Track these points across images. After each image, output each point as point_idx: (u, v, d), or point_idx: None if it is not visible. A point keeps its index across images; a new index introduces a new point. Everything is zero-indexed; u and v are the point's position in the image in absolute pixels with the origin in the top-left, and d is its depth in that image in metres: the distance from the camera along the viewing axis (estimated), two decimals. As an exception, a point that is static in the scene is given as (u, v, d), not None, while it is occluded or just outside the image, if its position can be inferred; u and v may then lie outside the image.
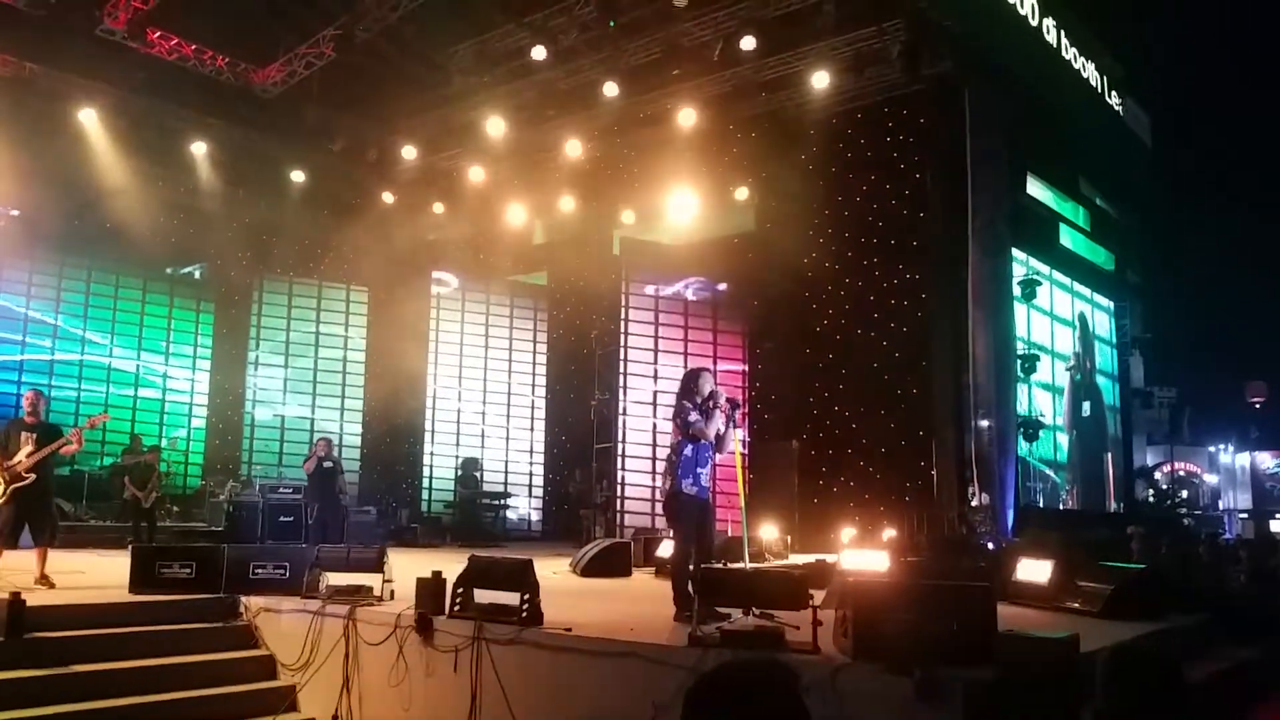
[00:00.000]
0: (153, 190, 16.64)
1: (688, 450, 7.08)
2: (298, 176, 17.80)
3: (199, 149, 16.71)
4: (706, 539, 7.24)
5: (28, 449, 8.26)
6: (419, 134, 17.32)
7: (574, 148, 16.49)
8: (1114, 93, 19.56)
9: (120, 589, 7.98)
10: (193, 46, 15.63)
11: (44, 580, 8.12)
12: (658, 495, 13.79)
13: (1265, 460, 30.59)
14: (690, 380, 7.37)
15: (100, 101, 15.28)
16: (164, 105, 15.97)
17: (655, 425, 16.68)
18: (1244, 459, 30.69)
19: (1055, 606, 7.64)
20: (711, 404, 7.16)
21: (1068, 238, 18.40)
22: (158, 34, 15.10)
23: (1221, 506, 29.16)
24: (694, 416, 7.10)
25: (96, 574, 9.52)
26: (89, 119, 15.28)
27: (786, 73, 15.08)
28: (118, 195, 16.08)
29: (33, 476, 8.25)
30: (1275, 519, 28.53)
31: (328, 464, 13.18)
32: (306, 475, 13.47)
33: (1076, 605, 7.48)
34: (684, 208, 16.88)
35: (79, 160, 15.52)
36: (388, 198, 18.38)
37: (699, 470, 7.05)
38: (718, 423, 7.14)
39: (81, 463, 16.22)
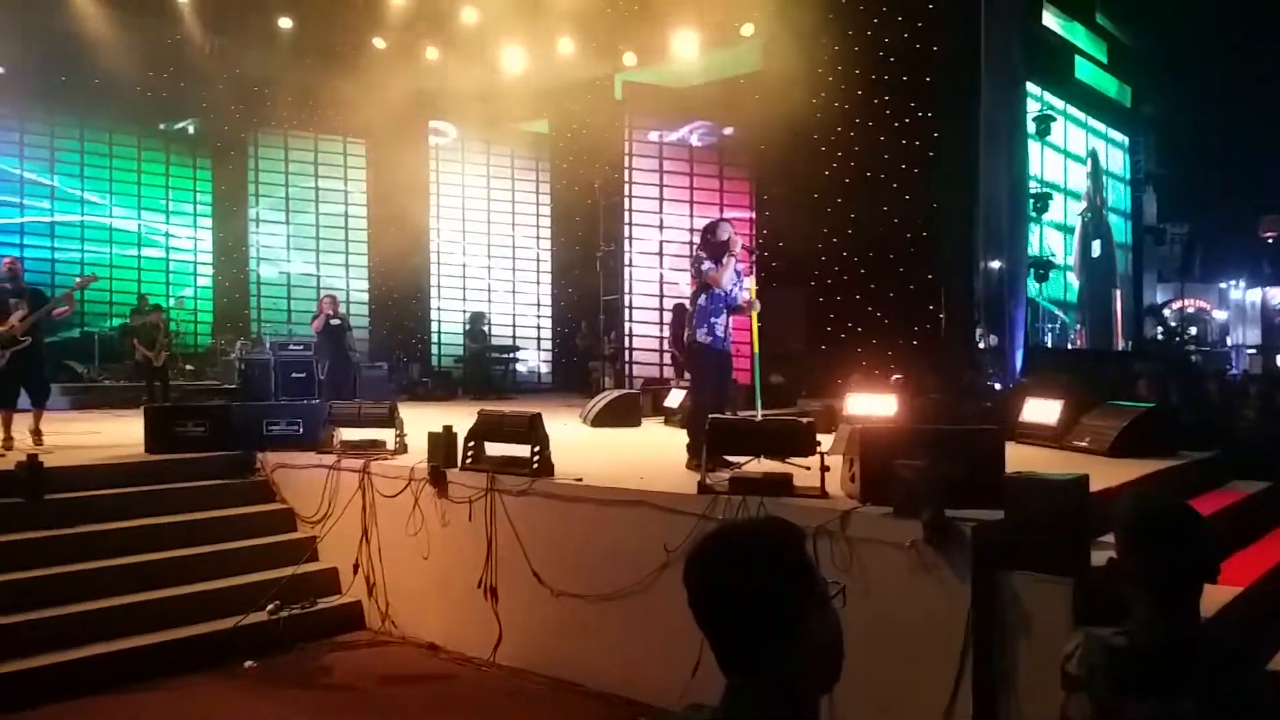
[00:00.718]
0: (139, 41, 16.00)
1: (702, 299, 7.01)
2: (285, 23, 17.08)
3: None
4: (723, 388, 7.25)
5: (19, 313, 8.33)
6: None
7: (571, -15, 15.72)
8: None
9: (136, 448, 8.09)
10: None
11: (37, 434, 8.46)
12: (665, 345, 13.85)
13: (1276, 296, 30.46)
14: (707, 232, 7.25)
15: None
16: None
17: (662, 276, 16.55)
18: (1255, 295, 30.57)
19: (1063, 445, 7.70)
20: (728, 252, 7.04)
21: (1083, 70, 17.76)
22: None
23: (1230, 343, 29.24)
24: (707, 264, 6.99)
25: (112, 434, 9.66)
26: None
27: (793, -104, 14.19)
28: (104, 48, 15.50)
29: (29, 339, 8.39)
30: (1284, 354, 28.66)
31: (335, 321, 13.16)
32: (315, 333, 13.47)
33: (1085, 444, 7.53)
34: (688, 47, 16.20)
35: (61, 11, 14.89)
36: (379, 43, 17.67)
37: (714, 320, 6.99)
38: (731, 270, 7.03)
39: (91, 324, 16.29)
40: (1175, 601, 2.00)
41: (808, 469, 5.54)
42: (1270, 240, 28.78)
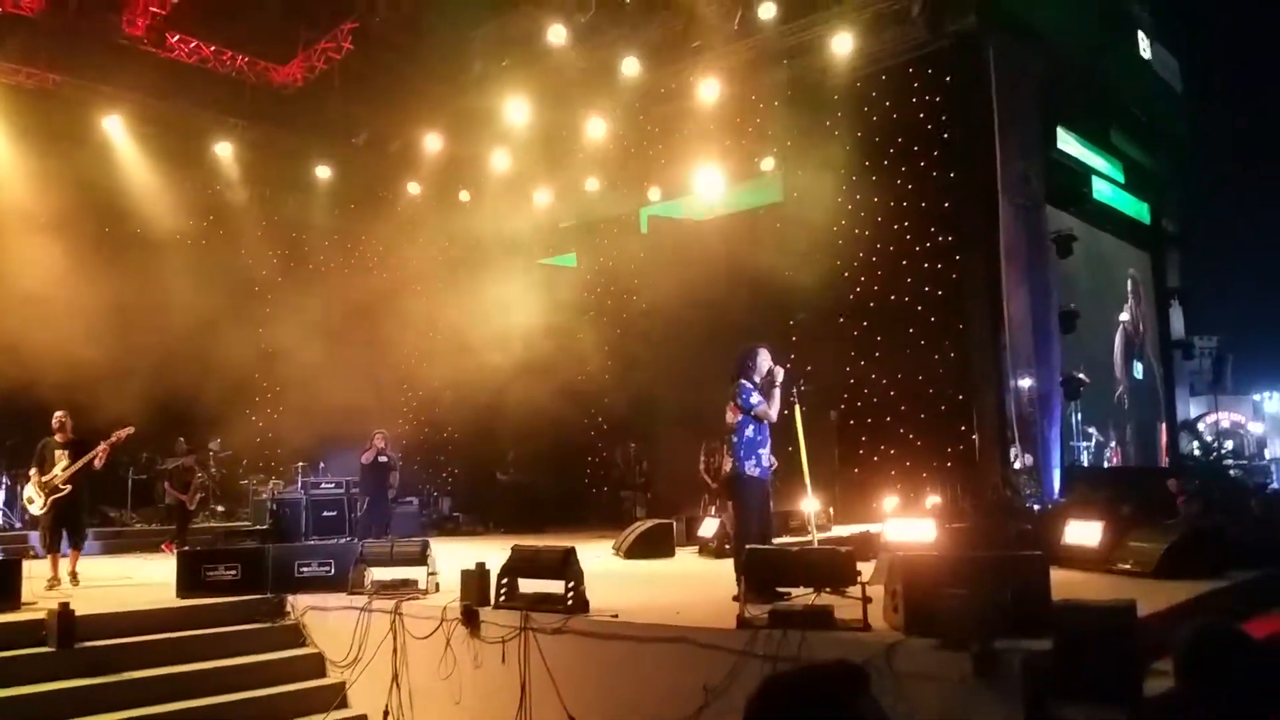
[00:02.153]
0: (180, 193, 16.67)
1: (749, 430, 6.99)
2: (323, 172, 17.80)
3: (223, 149, 16.73)
4: (768, 518, 7.17)
5: (62, 464, 9.13)
6: (441, 122, 17.23)
7: (597, 127, 16.33)
8: (1142, 39, 19.08)
9: (168, 592, 8.06)
10: (211, 48, 15.66)
11: (74, 576, 9.11)
12: (703, 475, 13.78)
13: (1314, 407, 30.00)
14: (747, 358, 7.21)
15: (123, 108, 15.33)
16: (186, 107, 15.98)
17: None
18: (1292, 406, 30.11)
19: (1107, 569, 7.50)
20: (771, 381, 7.04)
21: (1102, 190, 18.04)
22: (176, 38, 15.14)
23: (1268, 456, 28.64)
24: (756, 398, 6.99)
25: (143, 578, 9.66)
26: (114, 125, 15.34)
27: (807, 38, 14.82)
28: (147, 201, 16.14)
29: (69, 488, 9.12)
30: (1326, 466, 28.01)
31: (384, 458, 13.20)
32: (362, 466, 13.44)
33: (1129, 566, 7.34)
34: (711, 182, 16.68)
35: (107, 167, 15.61)
36: (413, 188, 18.34)
37: (760, 451, 6.97)
38: (778, 402, 7.03)
39: (121, 468, 16.41)
40: None
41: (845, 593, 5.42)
42: (1303, 350, 28.55)
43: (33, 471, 9.32)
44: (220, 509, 16.33)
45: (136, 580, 9.66)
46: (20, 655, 6.65)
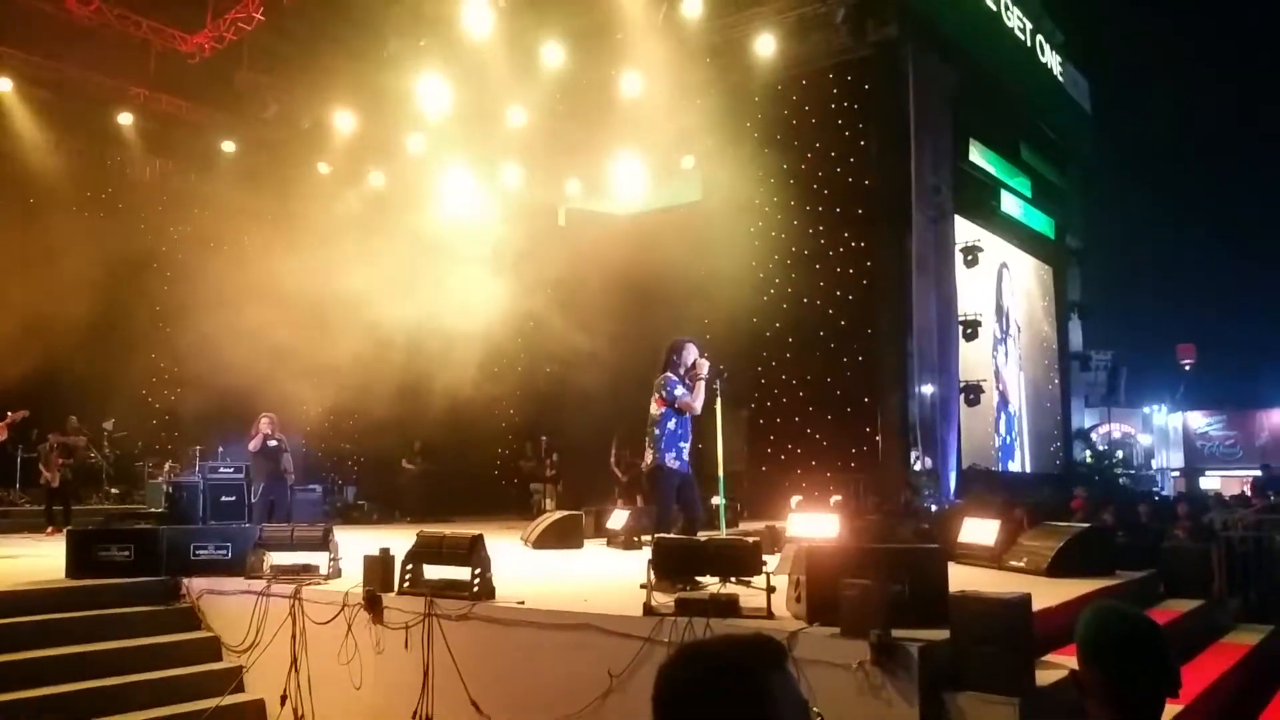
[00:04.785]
0: (78, 163, 15.98)
1: (671, 423, 7.02)
2: (229, 146, 17.26)
3: (125, 119, 16.07)
4: (696, 510, 7.21)
5: None
6: (355, 101, 16.86)
7: (517, 115, 16.18)
8: (1055, 59, 19.80)
9: (57, 573, 7.74)
10: (115, 11, 15.03)
11: None
12: (614, 467, 13.81)
13: (1197, 420, 31.57)
14: (672, 352, 7.26)
15: (17, 68, 14.60)
16: (86, 72, 15.30)
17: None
18: (1176, 419, 31.64)
19: (1001, 565, 7.75)
20: (696, 375, 7.08)
21: (1011, 204, 18.65)
22: (78, -2, 14.53)
23: (1155, 465, 30.04)
24: (679, 390, 7.03)
25: (31, 560, 9.25)
26: (4, 86, 14.60)
27: (732, 37, 14.97)
28: (42, 169, 15.42)
29: None
30: (1205, 475, 29.53)
31: (273, 442, 12.87)
32: (250, 454, 13.11)
33: (1022, 564, 7.59)
34: (630, 178, 16.70)
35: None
36: (323, 168, 17.91)
37: (682, 445, 7.01)
38: (703, 395, 7.07)
39: (9, 445, 15.69)
40: (1138, 716, 1.98)
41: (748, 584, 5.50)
42: (1187, 367, 29.99)
43: None
44: (114, 491, 15.75)
45: (26, 561, 9.24)
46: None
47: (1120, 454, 26.48)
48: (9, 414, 9.69)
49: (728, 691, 1.33)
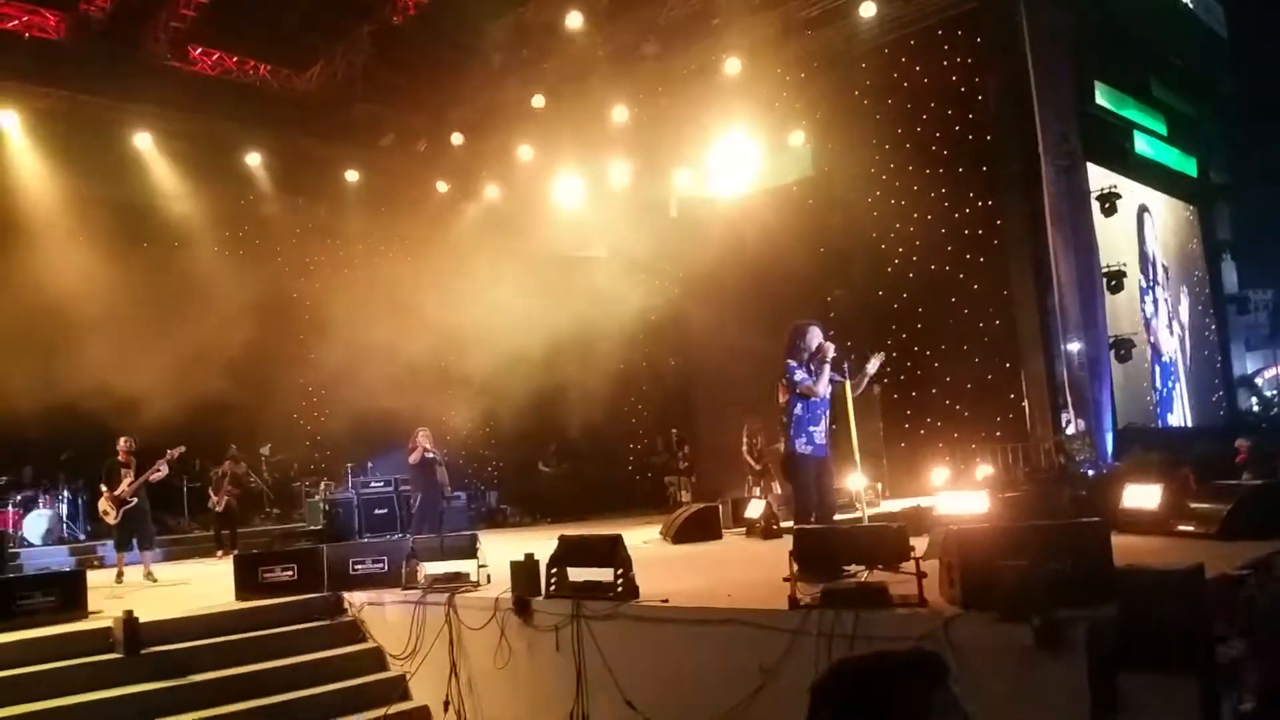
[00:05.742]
0: (213, 205, 16.83)
1: (798, 409, 6.95)
2: (352, 176, 17.89)
3: (253, 159, 16.85)
4: (826, 497, 7.10)
5: (128, 479, 10.47)
6: (465, 119, 17.23)
7: (621, 113, 16.21)
8: (1184, -16, 18.56)
9: (227, 595, 8.18)
10: (234, 59, 15.77)
11: (149, 575, 10.35)
12: (747, 456, 13.71)
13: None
14: (795, 337, 7.19)
15: (152, 123, 15.47)
16: (214, 119, 16.11)
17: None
18: (1352, 355, 29.28)
19: (1168, 531, 7.31)
20: (819, 359, 6.98)
21: (1145, 145, 17.58)
22: (199, 50, 15.26)
23: (1332, 409, 27.89)
24: (800, 375, 6.95)
25: (202, 583, 9.83)
26: (144, 142, 15.50)
27: (830, 6, 14.56)
28: (182, 215, 16.31)
29: (135, 500, 10.49)
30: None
31: (430, 455, 13.27)
32: (410, 466, 13.50)
33: (1191, 528, 7.14)
34: (740, 160, 16.50)
35: (140, 184, 15.78)
36: (441, 186, 18.38)
37: (811, 429, 6.91)
38: (826, 379, 6.96)
39: (175, 477, 16.66)
40: None
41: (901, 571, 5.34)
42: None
43: (103, 488, 10.55)
44: (275, 512, 16.56)
45: (196, 585, 9.83)
46: (89, 663, 6.79)
47: (1292, 398, 24.70)
48: (169, 452, 10.69)
49: (887, 716, 1.27)
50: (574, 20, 14.71)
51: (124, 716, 6.35)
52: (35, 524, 13.51)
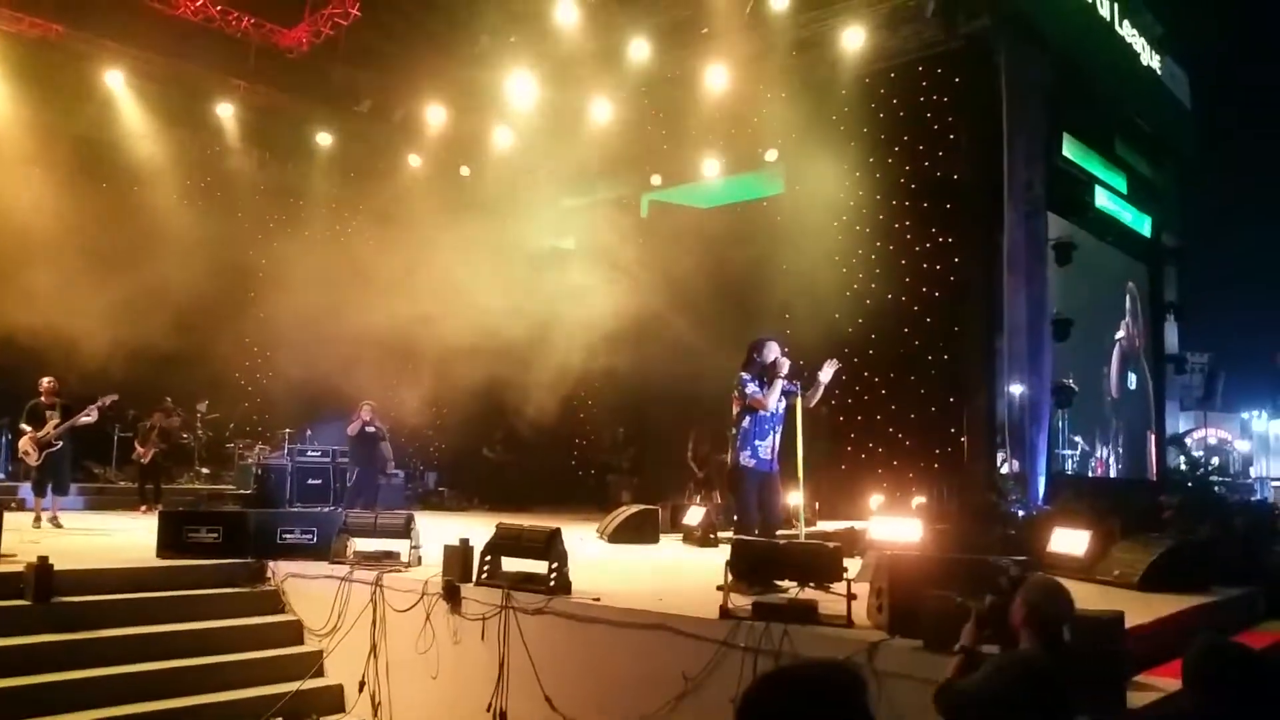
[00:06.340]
0: (179, 152, 16.50)
1: (746, 422, 6.99)
2: (324, 138, 17.65)
3: (225, 110, 16.56)
4: (771, 512, 7.13)
5: (54, 420, 10.38)
6: (446, 95, 17.09)
7: (602, 108, 16.21)
8: (1152, 52, 19.02)
9: (148, 552, 8.00)
10: (218, 7, 15.48)
11: (55, 521, 10.34)
12: (690, 462, 13.77)
13: (1301, 427, 30.11)
14: (753, 350, 7.23)
15: (126, 63, 15.14)
16: (190, 66, 15.80)
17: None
18: (1277, 426, 30.22)
19: (1092, 578, 7.48)
20: (774, 373, 7.01)
21: (1106, 199, 17.98)
22: (183, -7, 14.98)
23: (1253, 474, 28.75)
24: (751, 387, 6.98)
25: (123, 535, 9.62)
26: (115, 80, 15.15)
27: (819, 29, 14.71)
28: (145, 159, 15.97)
29: (60, 443, 10.42)
30: (1310, 486, 28.13)
31: (371, 429, 13.11)
32: (349, 437, 13.35)
33: (1114, 576, 7.32)
34: (713, 170, 16.59)
35: (106, 122, 15.42)
36: (414, 160, 18.19)
37: (757, 443, 6.94)
38: (777, 393, 6.99)
39: (108, 424, 16.29)
40: None
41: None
42: (1288, 371, 28.64)
43: (27, 428, 10.45)
44: (205, 471, 16.25)
45: (117, 537, 9.62)
46: (-4, 607, 6.60)
47: (1216, 461, 25.42)
48: (101, 398, 10.57)
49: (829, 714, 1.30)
50: (566, 10, 14.69)
51: (29, 665, 6.18)
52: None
